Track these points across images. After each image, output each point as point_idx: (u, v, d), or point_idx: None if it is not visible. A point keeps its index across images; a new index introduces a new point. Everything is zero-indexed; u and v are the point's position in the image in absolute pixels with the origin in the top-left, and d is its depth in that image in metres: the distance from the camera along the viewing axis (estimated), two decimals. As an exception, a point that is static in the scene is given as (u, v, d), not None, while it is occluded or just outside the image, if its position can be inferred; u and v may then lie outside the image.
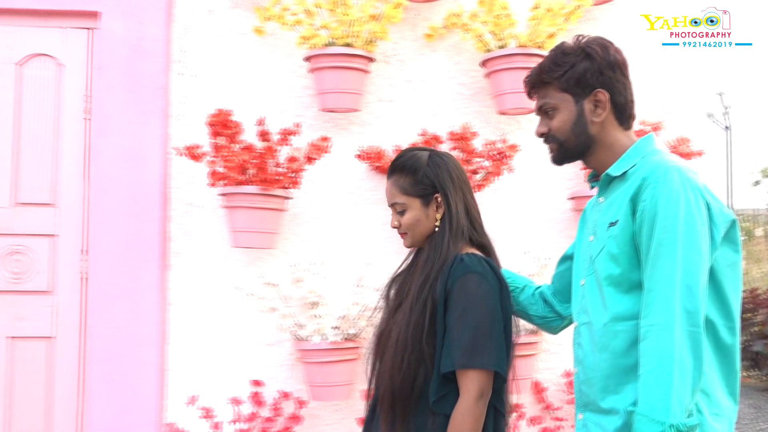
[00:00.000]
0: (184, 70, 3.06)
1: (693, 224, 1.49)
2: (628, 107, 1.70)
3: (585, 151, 1.70)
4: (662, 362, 1.43)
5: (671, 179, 1.51)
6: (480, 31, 2.98)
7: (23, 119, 2.99)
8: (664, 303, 1.46)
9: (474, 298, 1.68)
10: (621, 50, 1.71)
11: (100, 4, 2.98)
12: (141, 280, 2.92)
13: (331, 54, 2.86)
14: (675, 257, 1.47)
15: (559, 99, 1.68)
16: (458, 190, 1.79)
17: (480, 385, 1.64)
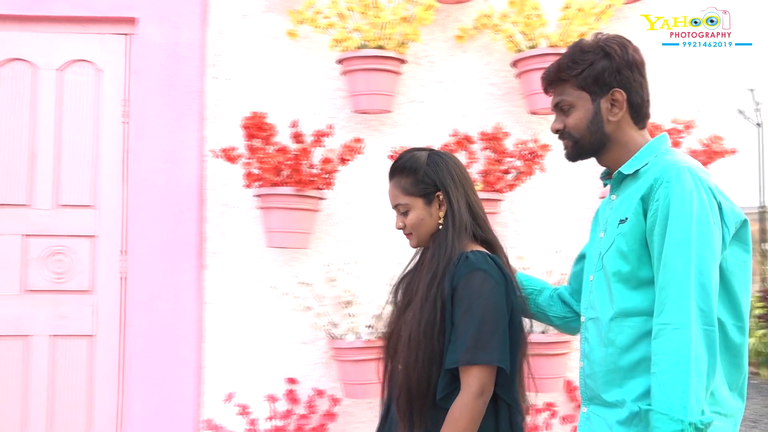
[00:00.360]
0: (219, 73, 3.12)
1: (706, 224, 1.50)
2: (644, 107, 1.70)
3: (599, 149, 1.71)
4: (679, 361, 1.44)
5: (684, 179, 1.52)
6: (510, 31, 3.00)
7: (64, 124, 3.07)
8: (679, 301, 1.47)
9: (478, 295, 1.69)
10: (639, 49, 1.71)
11: (137, 10, 3.05)
12: (178, 279, 2.99)
13: (363, 56, 2.90)
14: (689, 256, 1.48)
15: (576, 97, 1.68)
16: (459, 187, 1.81)
17: (481, 382, 1.66)
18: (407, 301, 1.83)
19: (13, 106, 3.05)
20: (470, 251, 1.75)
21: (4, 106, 3.05)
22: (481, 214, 1.84)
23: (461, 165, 1.87)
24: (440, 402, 1.69)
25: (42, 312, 3.01)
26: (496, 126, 2.96)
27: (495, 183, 2.88)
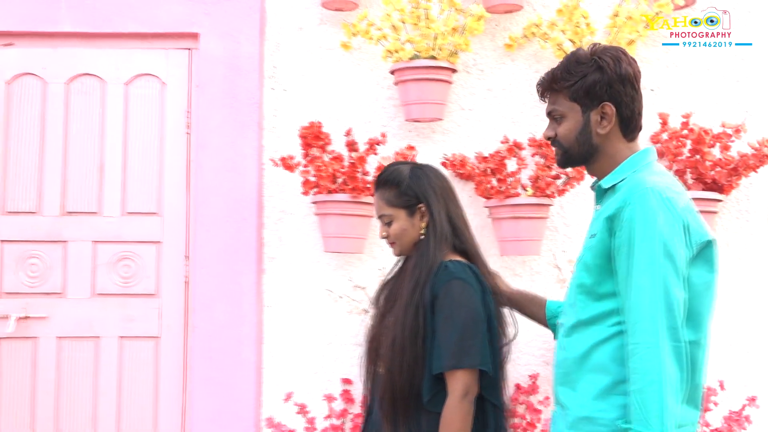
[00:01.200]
0: (276, 85, 3.25)
1: (671, 243, 1.56)
2: (635, 120, 1.75)
3: (587, 159, 1.77)
4: (653, 380, 1.51)
5: (648, 200, 1.57)
6: (559, 39, 3.06)
7: (130, 135, 3.22)
8: (648, 321, 1.54)
9: (458, 302, 1.80)
10: (634, 62, 1.75)
11: (199, 26, 3.19)
12: (239, 283, 3.11)
13: (415, 67, 2.99)
14: (655, 277, 1.54)
15: (567, 107, 1.75)
16: (440, 200, 1.92)
17: (465, 384, 1.77)
18: (389, 307, 1.94)
19: (83, 118, 3.22)
20: (449, 261, 1.86)
21: (76, 119, 3.21)
22: (460, 225, 1.95)
23: (443, 178, 1.98)
24: (427, 405, 1.80)
25: (111, 315, 3.16)
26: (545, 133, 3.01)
27: (545, 188, 2.94)
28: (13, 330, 3.10)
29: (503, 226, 2.99)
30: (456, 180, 3.20)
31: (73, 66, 3.22)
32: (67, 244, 3.17)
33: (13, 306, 3.14)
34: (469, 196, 3.19)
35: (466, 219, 1.98)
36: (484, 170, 2.96)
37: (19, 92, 3.22)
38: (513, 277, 3.15)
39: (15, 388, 3.13)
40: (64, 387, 3.14)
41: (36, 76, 3.22)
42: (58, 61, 3.22)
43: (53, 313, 3.15)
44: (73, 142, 3.20)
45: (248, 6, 3.20)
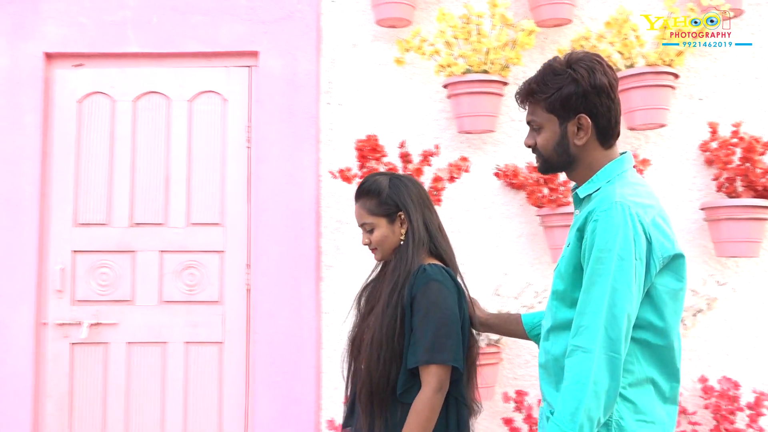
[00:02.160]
0: (332, 99, 3.37)
1: (627, 258, 1.60)
2: (611, 128, 1.76)
3: (566, 167, 1.80)
4: (579, 381, 1.59)
5: (613, 215, 1.61)
6: (608, 51, 3.14)
7: (194, 150, 3.37)
8: (591, 328, 1.60)
9: (434, 302, 1.90)
10: (610, 70, 1.75)
11: (259, 44, 3.34)
12: (299, 291, 3.23)
13: (468, 81, 3.09)
14: (605, 287, 1.59)
15: (545, 119, 1.76)
16: (417, 208, 2.03)
17: (439, 378, 1.88)
18: (370, 308, 2.06)
19: (149, 134, 3.38)
20: (427, 264, 1.97)
21: (142, 135, 3.38)
22: (435, 231, 2.05)
23: (420, 186, 2.09)
24: (400, 397, 1.91)
25: (177, 321, 3.31)
26: (599, 143, 3.09)
27: (597, 197, 3.01)
28: (86, 336, 3.27)
29: (555, 233, 3.07)
30: (507, 189, 3.30)
31: (140, 84, 3.39)
32: (136, 254, 3.33)
33: (85, 313, 3.31)
34: (520, 205, 3.28)
35: (441, 225, 2.10)
36: (537, 180, 3.04)
37: (89, 110, 3.39)
38: (564, 284, 3.23)
39: (87, 391, 3.30)
40: (133, 390, 3.30)
41: (105, 95, 3.39)
42: (126, 81, 3.39)
43: (123, 319, 3.31)
44: (140, 157, 3.36)
45: (305, 24, 3.33)
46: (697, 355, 3.17)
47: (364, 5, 3.38)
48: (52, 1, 3.39)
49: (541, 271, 3.25)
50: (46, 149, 3.37)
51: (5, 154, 3.32)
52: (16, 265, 3.29)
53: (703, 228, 3.21)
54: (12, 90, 3.36)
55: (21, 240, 3.30)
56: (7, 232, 3.30)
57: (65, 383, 3.29)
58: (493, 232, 3.29)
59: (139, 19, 3.36)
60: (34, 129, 3.34)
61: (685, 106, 3.30)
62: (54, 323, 3.30)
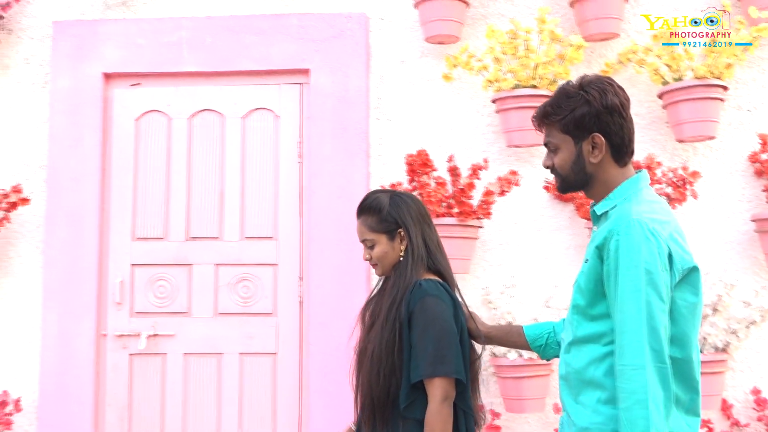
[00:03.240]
0: (381, 115, 3.44)
1: (654, 271, 1.66)
2: (625, 146, 1.83)
3: (584, 186, 1.88)
4: (639, 398, 1.64)
5: (632, 232, 1.68)
6: (656, 65, 3.16)
7: (247, 165, 3.46)
8: (635, 344, 1.66)
9: (432, 317, 1.96)
10: (621, 91, 1.84)
11: (310, 62, 3.42)
12: (351, 302, 3.29)
13: (517, 96, 3.14)
14: (640, 303, 1.66)
15: (560, 139, 1.86)
16: (417, 225, 2.10)
17: (444, 390, 1.93)
18: (372, 322, 2.11)
19: (204, 151, 3.48)
20: (424, 279, 2.03)
21: (198, 151, 3.48)
22: (434, 247, 2.12)
23: (419, 203, 2.16)
24: (404, 411, 1.96)
25: (232, 332, 3.39)
26: (650, 156, 3.12)
27: (647, 209, 3.03)
28: (144, 347, 3.37)
29: (605, 246, 3.09)
30: (555, 202, 3.33)
31: (195, 102, 3.49)
32: (192, 267, 3.43)
33: (143, 324, 3.41)
34: (569, 217, 3.31)
35: (439, 242, 2.17)
36: (588, 193, 3.08)
37: (146, 128, 3.51)
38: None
39: (146, 400, 3.40)
40: (190, 399, 3.39)
41: (161, 113, 3.51)
42: (181, 99, 3.50)
43: (180, 331, 3.41)
44: (195, 173, 3.47)
45: (355, 42, 3.41)
46: (749, 366, 3.17)
47: (411, 23, 3.45)
48: (110, 23, 3.52)
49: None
50: (106, 166, 3.49)
51: (68, 171, 3.45)
52: (78, 278, 3.41)
53: (754, 239, 3.21)
54: (73, 109, 3.48)
55: (83, 254, 3.42)
56: (70, 246, 3.42)
57: (124, 393, 3.40)
58: (542, 245, 3.33)
59: (195, 39, 3.47)
60: (94, 147, 3.46)
61: (734, 118, 3.31)
62: (114, 334, 3.41)
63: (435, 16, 3.23)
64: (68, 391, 3.36)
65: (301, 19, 3.45)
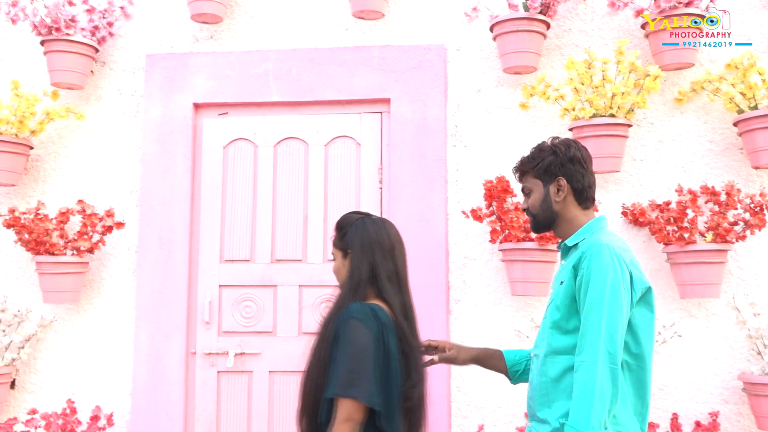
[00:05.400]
0: (458, 142, 3.57)
1: (617, 288, 1.99)
2: (586, 191, 2.21)
3: (551, 224, 2.24)
4: (588, 390, 1.94)
5: (602, 254, 2.01)
6: (731, 93, 3.25)
7: (329, 190, 3.61)
8: (593, 345, 1.96)
9: (351, 339, 2.03)
10: (583, 149, 2.23)
11: (391, 92, 3.57)
12: (430, 323, 3.41)
13: (594, 124, 3.24)
14: (602, 312, 1.97)
15: (533, 184, 2.25)
16: (365, 252, 2.18)
17: (347, 412, 1.99)
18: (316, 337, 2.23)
19: (289, 177, 3.64)
20: (359, 303, 2.11)
21: (282, 177, 3.64)
22: (382, 275, 2.16)
23: (384, 232, 2.22)
24: (322, 425, 2.06)
25: (315, 351, 3.52)
26: (729, 182, 3.19)
27: (725, 235, 3.11)
28: (232, 365, 3.52)
29: (683, 270, 3.17)
30: (630, 226, 3.42)
31: (280, 131, 3.66)
32: (277, 288, 3.58)
33: (230, 343, 3.56)
34: (643, 241, 3.39)
35: (398, 273, 2.21)
36: (668, 219, 3.16)
37: (233, 155, 3.68)
38: (689, 319, 3.32)
39: (233, 416, 3.54)
40: (275, 415, 3.52)
41: (248, 141, 3.68)
42: (267, 127, 3.67)
43: (265, 349, 3.55)
44: (280, 198, 3.62)
45: (434, 73, 3.55)
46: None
47: (487, 53, 3.58)
48: (200, 56, 3.71)
49: (665, 306, 3.35)
50: (195, 191, 3.67)
51: (160, 195, 3.63)
52: (168, 298, 3.58)
53: (830, 264, 3.26)
54: (165, 137, 3.67)
55: (173, 275, 3.59)
56: (162, 267, 3.59)
57: (212, 408, 3.55)
58: (617, 268, 3.40)
59: (280, 70, 3.64)
60: (184, 173, 3.65)
61: (808, 145, 3.37)
62: (202, 352, 3.57)
63: (513, 48, 3.36)
64: (159, 406, 3.52)
65: (382, 51, 3.60)
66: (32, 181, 3.79)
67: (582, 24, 3.57)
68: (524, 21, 3.33)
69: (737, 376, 3.24)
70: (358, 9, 3.50)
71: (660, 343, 3.25)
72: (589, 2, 3.57)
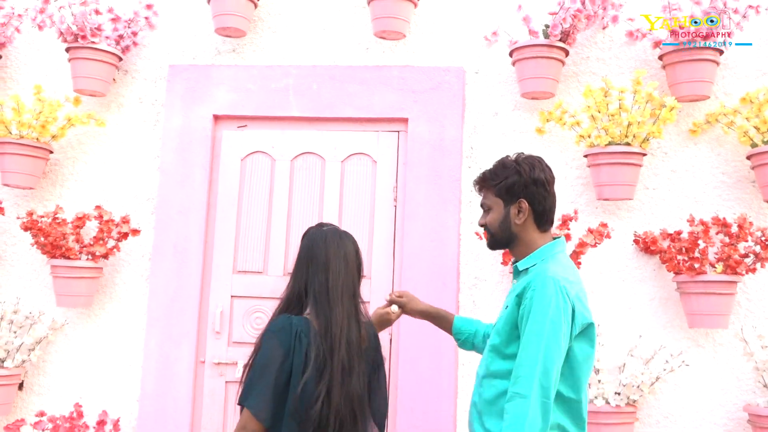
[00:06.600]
0: (473, 163, 3.61)
1: (557, 322, 2.00)
2: (546, 214, 2.22)
3: (509, 244, 2.25)
4: (518, 421, 1.97)
5: (547, 287, 2.03)
6: (745, 127, 3.29)
7: (344, 206, 3.65)
8: (528, 378, 1.99)
9: (261, 351, 2.13)
10: (548, 169, 2.23)
11: (409, 112, 3.62)
12: (441, 342, 3.44)
13: (610, 152, 3.29)
14: (539, 346, 1.99)
15: (493, 201, 2.24)
16: (302, 267, 2.25)
17: (243, 420, 2.09)
18: None
19: (305, 191, 3.68)
20: (285, 315, 2.19)
21: (298, 191, 3.68)
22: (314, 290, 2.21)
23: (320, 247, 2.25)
24: None
25: (323, 365, 3.54)
26: (742, 215, 3.22)
27: (736, 266, 3.14)
28: (240, 375, 3.54)
29: (692, 300, 3.21)
30: (640, 254, 3.45)
31: (298, 145, 3.71)
32: (288, 301, 3.61)
33: (240, 353, 3.59)
34: (653, 269, 3.43)
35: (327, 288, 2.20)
36: (680, 249, 3.20)
37: (251, 167, 3.73)
38: (697, 348, 3.35)
39: (239, 427, 3.56)
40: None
41: (266, 154, 3.73)
42: (285, 141, 3.71)
43: (274, 361, 3.57)
44: (295, 212, 3.67)
45: (452, 95, 3.61)
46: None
47: (505, 77, 3.64)
48: (222, 68, 3.77)
49: (673, 334, 3.38)
50: (211, 201, 3.72)
51: (177, 204, 3.68)
52: (180, 306, 3.61)
53: (838, 299, 3.29)
54: (184, 147, 3.72)
55: (186, 284, 3.62)
56: (175, 275, 3.63)
57: (219, 418, 3.57)
58: (626, 295, 3.44)
59: (301, 86, 3.69)
60: (202, 183, 3.69)
61: (819, 180, 3.41)
62: (212, 362, 3.60)
63: (532, 73, 3.41)
64: (166, 413, 3.55)
65: (401, 71, 3.65)
66: (50, 185, 3.84)
67: (600, 52, 3.62)
68: (544, 48, 3.39)
69: (743, 407, 3.26)
70: (380, 29, 3.55)
71: (667, 371, 3.27)
72: (608, 31, 3.63)
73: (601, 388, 3.20)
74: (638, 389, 3.17)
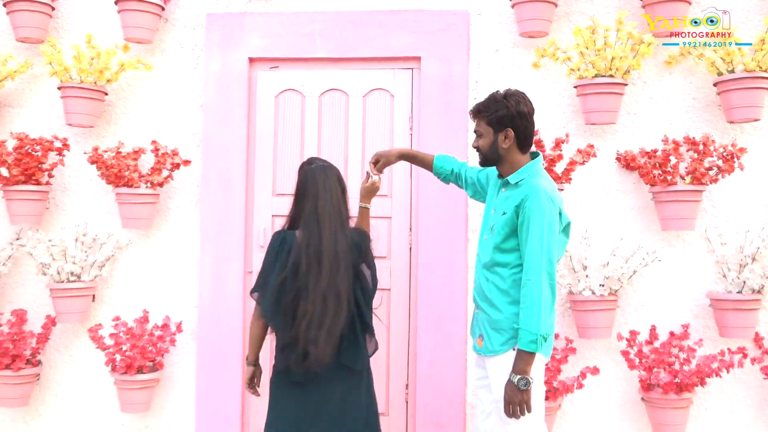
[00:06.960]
0: (477, 95, 4.13)
1: (551, 224, 2.66)
2: (527, 139, 2.81)
3: (497, 162, 2.85)
4: (534, 301, 2.61)
5: (540, 198, 2.66)
6: (713, 58, 3.82)
7: (367, 135, 4.20)
8: (536, 267, 2.63)
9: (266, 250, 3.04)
10: (529, 103, 2.81)
11: (421, 51, 4.12)
12: (452, 248, 4.04)
13: (596, 83, 3.82)
14: (542, 242, 2.64)
15: (485, 129, 2.83)
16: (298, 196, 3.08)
17: (255, 305, 3.06)
18: None
19: (332, 123, 4.22)
20: (279, 230, 3.07)
21: (326, 123, 4.22)
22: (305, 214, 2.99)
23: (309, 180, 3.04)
24: None
25: (353, 272, 4.16)
26: (705, 135, 3.80)
27: (701, 178, 3.73)
28: (283, 282, 4.16)
29: (665, 207, 3.81)
30: (621, 170, 4.04)
31: (324, 83, 4.22)
32: (321, 219, 4.19)
33: (281, 264, 4.19)
34: (633, 183, 4.02)
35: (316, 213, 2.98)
36: (655, 164, 3.78)
37: (284, 104, 4.25)
38: (669, 248, 3.98)
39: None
40: (319, 325, 4.18)
41: (296, 92, 4.24)
42: (313, 80, 4.23)
43: (311, 270, 4.19)
44: (324, 141, 4.21)
45: (459, 35, 4.11)
46: (778, 306, 3.89)
47: (504, 18, 4.13)
48: (255, 16, 4.24)
49: (649, 237, 3.99)
50: (250, 135, 4.25)
51: (220, 140, 4.21)
52: (228, 226, 4.19)
53: (787, 203, 3.90)
54: (223, 89, 4.23)
55: (232, 206, 4.20)
56: (222, 200, 4.20)
57: (266, 319, 4.20)
58: (610, 205, 4.04)
59: (326, 30, 4.18)
60: (241, 120, 4.22)
61: (775, 103, 3.97)
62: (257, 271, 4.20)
63: (529, 15, 3.91)
64: (220, 317, 4.17)
65: (415, 15, 4.14)
66: (105, 124, 4.36)
67: (588, -6, 4.11)
68: (539, -8, 3.88)
69: (705, 294, 3.92)
70: (394, -23, 4.02)
71: (643, 266, 3.90)
72: (595, -25, 4.10)
73: (588, 281, 3.84)
74: (618, 281, 3.82)
